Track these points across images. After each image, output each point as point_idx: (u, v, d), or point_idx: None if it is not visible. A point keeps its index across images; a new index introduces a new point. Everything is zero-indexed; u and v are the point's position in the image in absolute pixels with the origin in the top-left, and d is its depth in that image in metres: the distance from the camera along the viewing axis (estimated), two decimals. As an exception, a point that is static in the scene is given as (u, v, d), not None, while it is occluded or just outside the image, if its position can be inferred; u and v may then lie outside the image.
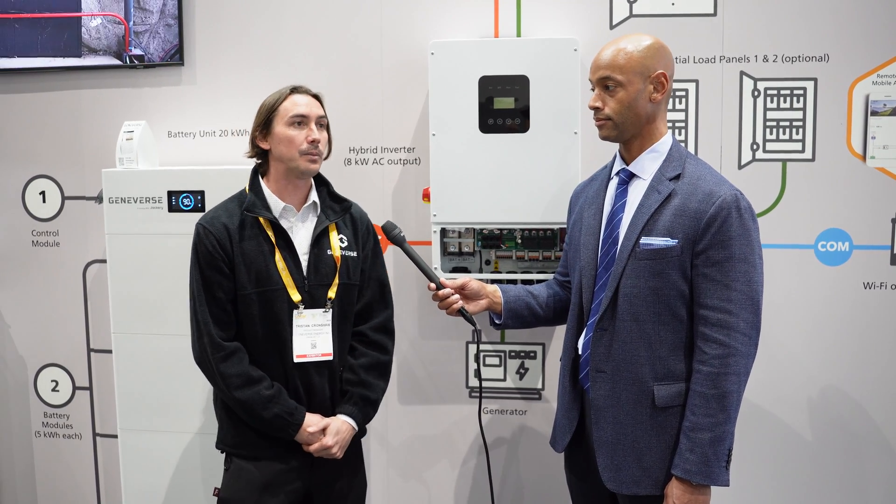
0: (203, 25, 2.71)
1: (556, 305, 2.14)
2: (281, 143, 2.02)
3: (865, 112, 2.46)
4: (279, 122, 2.02)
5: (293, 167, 2.03)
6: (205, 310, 2.00)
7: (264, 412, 1.98)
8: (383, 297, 2.20)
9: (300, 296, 2.03)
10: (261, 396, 1.98)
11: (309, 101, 2.05)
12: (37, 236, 2.90)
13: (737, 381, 1.75)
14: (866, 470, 2.56)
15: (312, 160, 2.03)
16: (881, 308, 2.51)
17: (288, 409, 2.00)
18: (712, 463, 1.74)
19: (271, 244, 2.02)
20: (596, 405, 1.87)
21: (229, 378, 1.98)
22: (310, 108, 2.04)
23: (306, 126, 2.03)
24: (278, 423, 1.99)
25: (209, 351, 2.00)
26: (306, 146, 2.01)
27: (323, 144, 2.06)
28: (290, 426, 2.00)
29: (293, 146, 2.01)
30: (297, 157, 2.01)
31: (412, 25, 2.60)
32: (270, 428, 2.00)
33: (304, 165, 2.02)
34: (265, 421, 1.99)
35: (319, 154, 2.05)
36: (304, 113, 2.02)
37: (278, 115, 2.03)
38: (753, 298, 1.76)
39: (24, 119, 2.85)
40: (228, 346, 2.00)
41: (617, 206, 1.89)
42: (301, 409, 2.02)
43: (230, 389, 1.98)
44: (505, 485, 2.73)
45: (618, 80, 1.83)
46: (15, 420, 3.00)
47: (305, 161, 2.02)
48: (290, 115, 2.02)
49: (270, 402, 1.98)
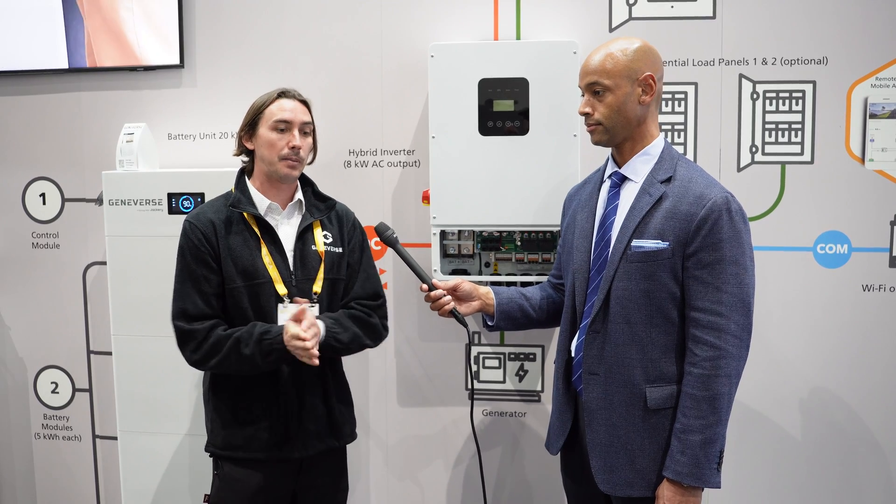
0: (203, 28, 2.71)
1: (549, 308, 2.14)
2: (263, 145, 2.05)
3: (864, 115, 2.47)
4: (263, 125, 2.05)
5: (272, 171, 2.05)
6: (177, 304, 2.01)
7: (246, 348, 1.94)
8: (375, 288, 2.18)
9: (286, 289, 2.03)
10: (237, 340, 1.95)
11: (295, 107, 2.06)
12: (37, 238, 2.90)
13: (728, 384, 1.75)
14: (864, 473, 2.56)
15: (291, 166, 2.04)
16: (880, 310, 2.51)
17: (264, 327, 1.96)
18: (703, 465, 1.74)
19: (257, 239, 2.04)
20: (589, 407, 1.87)
21: (204, 361, 1.99)
22: (294, 114, 2.05)
23: (289, 132, 2.04)
24: (267, 340, 1.94)
25: (177, 340, 2.02)
26: (286, 151, 2.03)
27: (305, 151, 2.07)
28: (273, 339, 1.94)
29: (274, 150, 2.03)
30: (277, 161, 2.03)
31: (412, 28, 2.61)
32: (263, 354, 1.94)
33: (282, 170, 2.04)
34: (256, 354, 1.94)
35: (300, 160, 2.05)
36: (287, 118, 2.04)
37: (264, 118, 2.05)
38: (744, 301, 1.76)
39: (24, 121, 2.86)
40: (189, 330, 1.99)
41: (609, 209, 1.89)
42: (273, 325, 1.99)
43: (212, 367, 1.99)
44: (503, 487, 2.73)
45: (605, 84, 1.84)
46: (15, 422, 3.00)
47: (284, 166, 2.03)
48: (273, 120, 2.03)
49: (246, 336, 1.95)
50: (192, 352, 2.01)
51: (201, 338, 1.99)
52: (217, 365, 1.99)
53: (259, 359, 1.95)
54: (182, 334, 2.01)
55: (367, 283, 2.17)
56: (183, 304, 2.02)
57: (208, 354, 1.99)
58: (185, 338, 2.01)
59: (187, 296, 2.01)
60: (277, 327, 1.97)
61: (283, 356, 1.95)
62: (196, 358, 2.01)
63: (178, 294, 2.03)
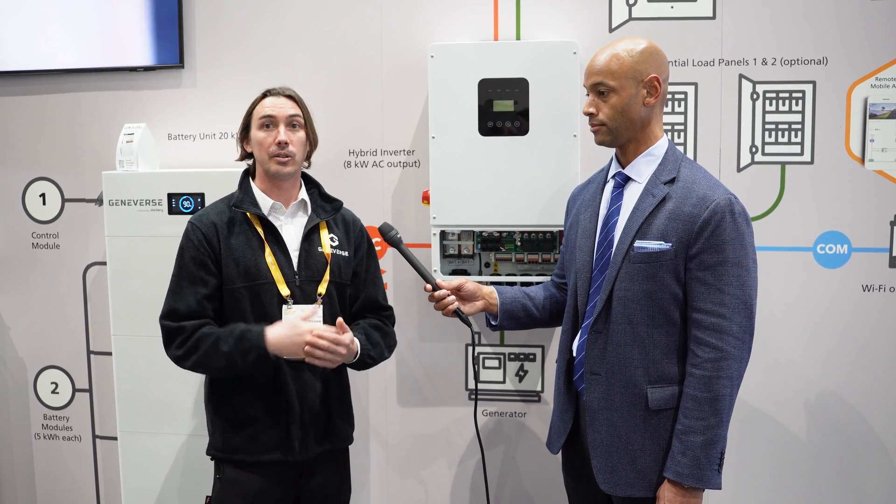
0: (203, 28, 2.71)
1: (552, 307, 2.14)
2: (255, 146, 2.06)
3: (864, 115, 2.47)
4: (254, 126, 2.06)
5: (265, 169, 2.05)
6: (168, 302, 2.00)
7: (224, 345, 1.91)
8: (381, 299, 2.20)
9: (289, 290, 2.02)
10: (216, 338, 1.93)
11: (277, 102, 2.06)
12: (37, 238, 2.90)
13: (729, 385, 1.75)
14: (865, 473, 2.56)
15: (282, 162, 2.03)
16: (880, 310, 2.51)
17: (246, 326, 1.94)
18: (704, 466, 1.74)
19: (260, 239, 2.03)
20: (590, 407, 1.88)
21: (186, 358, 1.97)
22: (277, 110, 2.04)
23: (275, 128, 2.04)
24: (247, 339, 1.91)
25: (163, 337, 2.00)
26: (274, 148, 2.02)
27: (296, 145, 2.05)
28: (256, 335, 1.91)
29: (262, 149, 2.04)
30: (267, 159, 2.03)
31: (412, 28, 2.61)
32: (241, 358, 1.91)
33: (273, 168, 2.03)
34: (235, 351, 1.91)
35: (290, 155, 2.03)
36: (269, 114, 2.04)
37: (253, 119, 2.07)
38: (747, 302, 1.77)
39: (24, 121, 2.86)
40: (172, 327, 1.97)
41: (612, 210, 1.89)
42: (257, 326, 1.95)
43: (195, 364, 1.97)
44: (504, 486, 2.73)
45: (610, 85, 1.84)
46: (15, 422, 3.00)
47: (274, 163, 2.03)
48: (259, 118, 2.04)
49: (227, 334, 1.93)
50: (175, 348, 1.98)
51: (186, 335, 1.97)
52: (197, 362, 1.96)
53: (237, 357, 1.91)
54: (169, 333, 1.99)
55: (379, 292, 2.18)
56: (174, 303, 2.00)
57: (189, 351, 1.96)
58: (172, 335, 1.99)
59: (180, 296, 2.00)
60: (259, 327, 1.93)
61: (263, 357, 1.91)
62: (178, 354, 1.98)
63: (171, 293, 2.02)
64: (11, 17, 2.76)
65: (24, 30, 2.76)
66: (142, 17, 2.70)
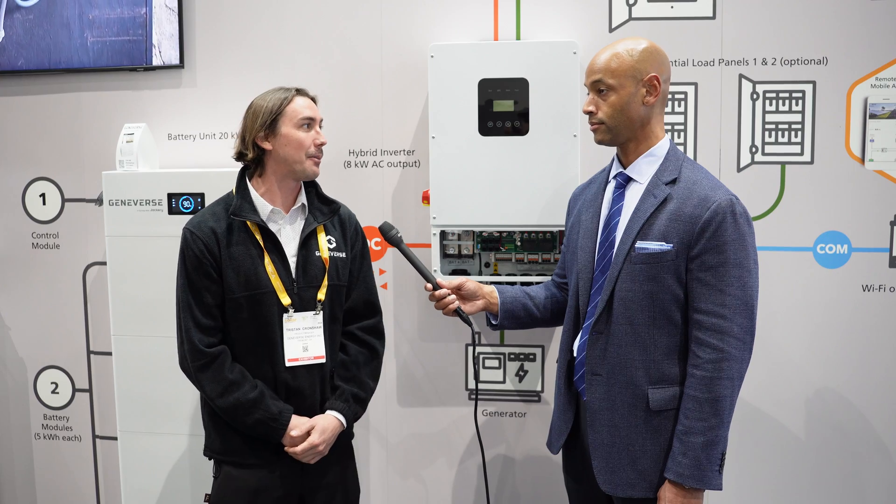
0: (203, 28, 2.71)
1: (552, 307, 2.14)
2: (288, 144, 2.02)
3: (864, 115, 2.47)
4: (286, 124, 2.02)
5: (298, 169, 2.03)
6: (188, 316, 1.99)
7: (247, 418, 1.97)
8: (371, 299, 2.19)
9: (290, 299, 2.02)
10: (242, 402, 1.96)
11: (310, 104, 2.08)
12: (37, 238, 2.90)
13: (730, 386, 1.75)
14: (866, 473, 2.56)
15: (317, 163, 2.06)
16: (880, 310, 2.51)
17: (271, 413, 1.98)
18: (705, 467, 1.74)
19: (260, 248, 2.02)
20: (591, 408, 1.88)
21: (208, 386, 1.98)
22: (313, 111, 2.07)
23: (313, 129, 2.05)
24: (262, 428, 1.98)
25: (189, 359, 2.00)
26: (314, 149, 2.04)
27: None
28: (275, 431, 1.99)
29: (301, 149, 2.02)
30: (304, 159, 2.03)
31: (412, 28, 2.61)
32: (255, 432, 1.99)
33: (309, 168, 2.04)
34: (249, 426, 1.98)
35: (321, 157, 2.08)
36: (312, 116, 2.05)
37: (286, 117, 2.02)
38: (748, 303, 1.77)
39: (24, 121, 2.86)
40: (209, 353, 1.98)
41: (614, 210, 1.89)
42: (286, 412, 2.00)
43: (212, 398, 1.99)
44: (504, 486, 2.73)
45: (609, 83, 1.84)
46: (15, 422, 3.00)
47: (311, 163, 2.04)
48: (299, 118, 2.02)
49: (253, 406, 1.97)
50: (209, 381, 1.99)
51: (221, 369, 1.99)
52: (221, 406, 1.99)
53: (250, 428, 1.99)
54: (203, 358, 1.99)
55: (366, 295, 2.17)
56: (196, 316, 1.99)
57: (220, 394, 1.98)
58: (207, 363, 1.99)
59: (198, 308, 1.99)
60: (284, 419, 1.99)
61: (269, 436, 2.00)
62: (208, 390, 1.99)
63: (186, 307, 2.00)
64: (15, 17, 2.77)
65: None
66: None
